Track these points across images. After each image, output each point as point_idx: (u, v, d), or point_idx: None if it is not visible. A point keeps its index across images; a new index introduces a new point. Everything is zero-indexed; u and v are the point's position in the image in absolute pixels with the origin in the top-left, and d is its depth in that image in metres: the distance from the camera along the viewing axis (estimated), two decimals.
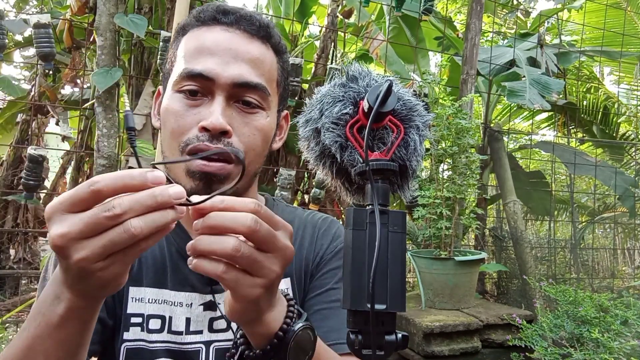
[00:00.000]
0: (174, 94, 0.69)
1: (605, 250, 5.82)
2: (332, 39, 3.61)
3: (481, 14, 3.51)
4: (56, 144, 5.41)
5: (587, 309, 2.32)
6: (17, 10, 4.45)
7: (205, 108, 0.67)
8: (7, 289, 3.87)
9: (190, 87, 0.67)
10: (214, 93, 0.67)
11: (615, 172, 4.15)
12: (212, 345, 0.70)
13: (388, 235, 0.36)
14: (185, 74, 0.67)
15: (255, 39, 0.71)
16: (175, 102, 0.68)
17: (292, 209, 0.87)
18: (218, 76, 0.66)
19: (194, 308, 0.71)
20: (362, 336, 0.35)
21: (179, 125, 0.67)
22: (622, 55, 4.43)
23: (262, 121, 0.70)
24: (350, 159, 0.40)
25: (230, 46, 0.68)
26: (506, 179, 3.70)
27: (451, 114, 2.80)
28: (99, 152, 2.53)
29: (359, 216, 0.36)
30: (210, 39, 0.68)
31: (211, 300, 0.71)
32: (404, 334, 0.36)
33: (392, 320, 0.35)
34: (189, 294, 0.71)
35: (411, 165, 0.40)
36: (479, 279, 3.29)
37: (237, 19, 0.70)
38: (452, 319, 2.52)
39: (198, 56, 0.67)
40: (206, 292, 0.71)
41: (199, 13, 0.71)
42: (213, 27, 0.70)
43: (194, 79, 0.67)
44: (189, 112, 0.67)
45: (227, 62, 0.67)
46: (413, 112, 0.41)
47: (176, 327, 0.70)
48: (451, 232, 2.79)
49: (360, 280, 0.35)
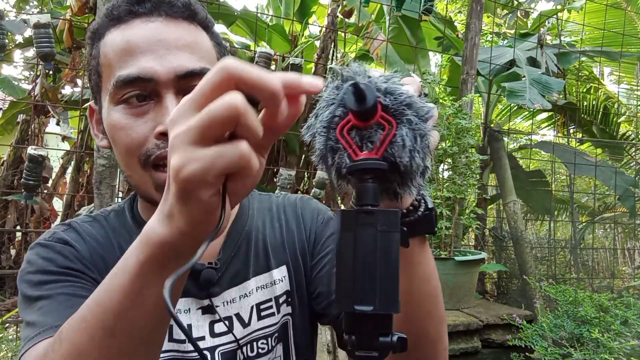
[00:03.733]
0: (113, 107, 0.61)
1: (605, 250, 5.82)
2: (332, 39, 3.61)
3: (481, 14, 3.51)
4: (56, 144, 5.42)
5: (587, 309, 2.32)
6: (17, 10, 4.46)
7: (155, 112, 0.60)
8: (7, 289, 3.87)
9: (131, 93, 0.60)
10: (159, 93, 0.60)
11: (615, 172, 4.14)
12: (217, 351, 0.68)
13: (376, 236, 0.35)
14: (121, 81, 0.59)
15: (181, 22, 0.64)
16: (119, 115, 0.61)
17: (267, 196, 0.84)
18: (158, 74, 0.59)
19: (193, 313, 0.69)
20: (355, 337, 0.35)
21: (132, 139, 0.60)
22: (622, 55, 4.43)
23: None
24: (339, 161, 0.39)
25: (158, 37, 0.61)
26: (506, 179, 3.70)
27: (451, 114, 2.80)
28: (99, 152, 2.53)
29: (347, 218, 0.36)
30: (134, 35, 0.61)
31: (209, 304, 0.69)
32: (400, 336, 0.35)
33: (386, 321, 0.35)
34: (185, 299, 0.68)
35: (402, 162, 0.38)
36: (479, 279, 3.29)
37: (155, 5, 0.62)
38: (452, 319, 2.52)
39: (127, 58, 0.60)
40: (202, 297, 0.69)
41: (110, 11, 0.63)
42: (132, 22, 0.62)
43: (132, 85, 0.59)
44: (138, 121, 0.60)
45: (162, 56, 0.60)
46: (404, 106, 0.39)
47: (178, 335, 0.67)
48: (451, 232, 2.79)
49: (347, 282, 0.35)
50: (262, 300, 0.72)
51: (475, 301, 2.91)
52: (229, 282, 0.70)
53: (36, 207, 3.85)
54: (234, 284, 0.71)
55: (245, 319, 0.70)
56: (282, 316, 0.74)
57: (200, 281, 0.66)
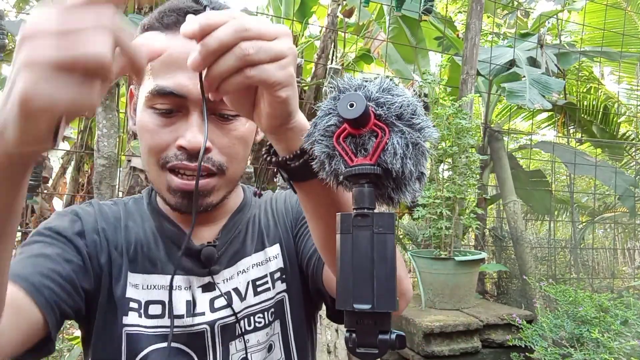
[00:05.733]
0: (146, 109, 0.67)
1: (605, 250, 5.82)
2: (332, 39, 3.61)
3: (481, 14, 3.51)
4: None
5: (587, 309, 2.32)
6: (17, 10, 4.46)
7: (181, 124, 0.65)
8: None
9: (162, 105, 0.65)
10: (188, 108, 0.65)
11: (615, 172, 4.15)
12: (216, 324, 0.72)
13: (373, 237, 0.38)
14: (156, 91, 0.64)
15: None
16: (149, 119, 0.66)
17: (265, 192, 0.91)
18: (190, 93, 0.64)
19: (193, 291, 0.73)
20: (355, 335, 0.37)
21: (155, 143, 0.66)
22: (622, 55, 4.43)
23: (241, 129, 0.69)
24: (336, 167, 0.42)
25: None
26: (506, 179, 3.70)
27: (451, 114, 2.80)
28: (99, 152, 2.53)
29: (345, 220, 0.39)
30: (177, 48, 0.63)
31: (210, 281, 0.73)
32: (399, 334, 0.37)
33: (385, 319, 0.37)
34: (186, 277, 0.73)
35: (394, 168, 0.40)
36: (479, 279, 3.29)
37: None
38: (452, 319, 2.52)
39: (167, 70, 0.64)
40: (203, 274, 0.73)
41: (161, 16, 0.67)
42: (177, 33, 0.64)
43: (165, 97, 0.64)
44: (165, 129, 0.66)
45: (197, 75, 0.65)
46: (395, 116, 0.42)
47: (177, 310, 0.71)
48: (451, 232, 2.79)
49: (346, 282, 0.38)
50: (258, 276, 0.78)
51: (475, 301, 2.92)
52: (228, 261, 0.76)
53: (36, 207, 3.85)
54: (232, 263, 0.76)
55: (242, 293, 0.75)
56: (278, 292, 0.78)
57: (201, 259, 0.72)
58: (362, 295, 0.37)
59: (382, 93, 0.43)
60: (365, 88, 0.43)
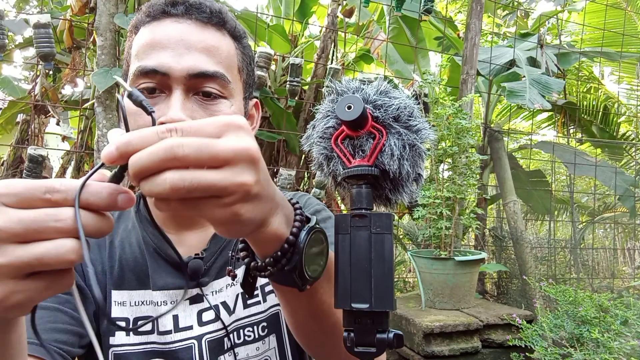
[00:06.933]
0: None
1: (605, 250, 5.82)
2: (332, 39, 3.61)
3: (481, 14, 3.51)
4: (56, 144, 5.41)
5: (587, 309, 2.32)
6: (17, 10, 4.46)
7: (164, 104, 0.65)
8: None
9: (146, 84, 0.65)
10: (170, 88, 0.64)
11: (615, 172, 4.14)
12: (203, 339, 0.71)
13: (371, 237, 0.38)
14: (139, 71, 0.64)
15: (209, 27, 0.68)
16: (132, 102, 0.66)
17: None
18: (172, 69, 0.63)
19: (179, 305, 0.72)
20: (354, 334, 0.37)
21: (138, 125, 0.64)
22: (622, 55, 4.43)
23: (226, 110, 0.68)
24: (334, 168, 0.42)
25: (182, 37, 0.65)
26: (506, 179, 3.70)
27: (451, 114, 2.80)
28: (99, 152, 2.53)
29: (343, 221, 0.40)
30: (161, 32, 0.66)
31: (198, 293, 0.72)
32: (397, 333, 0.37)
33: (383, 318, 0.37)
34: (172, 291, 0.71)
35: (391, 169, 0.40)
36: (479, 279, 3.29)
37: (186, 9, 0.67)
38: (452, 319, 2.52)
39: (150, 52, 0.65)
40: (190, 286, 0.72)
41: (148, 8, 0.69)
42: (163, 21, 0.67)
43: (148, 76, 0.64)
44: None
45: (181, 54, 0.64)
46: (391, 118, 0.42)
47: (164, 326, 0.70)
48: (451, 232, 2.79)
49: (345, 281, 0.38)
50: None
51: (475, 301, 2.91)
52: (216, 273, 0.74)
53: None
54: (222, 274, 0.74)
55: (231, 307, 0.74)
56: (271, 306, 0.76)
57: (188, 271, 0.71)
58: (360, 295, 0.37)
59: (380, 95, 0.43)
60: (362, 90, 0.43)
